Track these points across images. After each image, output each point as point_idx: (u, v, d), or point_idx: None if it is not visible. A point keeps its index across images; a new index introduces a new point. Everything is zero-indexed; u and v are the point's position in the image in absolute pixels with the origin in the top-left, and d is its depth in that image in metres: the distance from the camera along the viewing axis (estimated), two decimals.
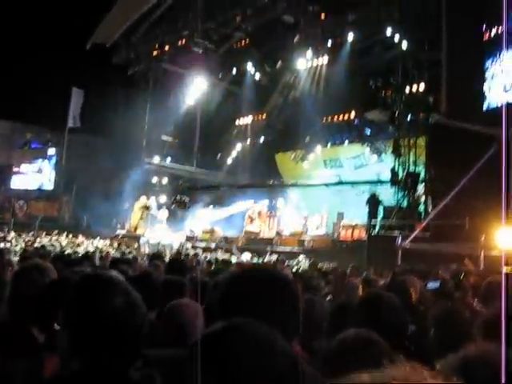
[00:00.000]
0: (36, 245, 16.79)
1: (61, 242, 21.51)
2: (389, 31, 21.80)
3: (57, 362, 2.30)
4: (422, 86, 21.48)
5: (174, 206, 28.08)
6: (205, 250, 22.59)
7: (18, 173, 33.50)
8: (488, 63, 17.39)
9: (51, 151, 33.15)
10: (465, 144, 15.91)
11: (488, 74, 17.31)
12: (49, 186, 33.40)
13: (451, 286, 4.62)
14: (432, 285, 4.50)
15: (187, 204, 27.70)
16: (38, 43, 26.04)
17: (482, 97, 16.33)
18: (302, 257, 19.05)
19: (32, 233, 24.47)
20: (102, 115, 27.87)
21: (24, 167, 33.47)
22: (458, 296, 4.50)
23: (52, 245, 17.87)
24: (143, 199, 27.46)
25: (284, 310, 1.88)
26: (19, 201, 32.63)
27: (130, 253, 16.35)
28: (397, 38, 21.59)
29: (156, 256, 9.78)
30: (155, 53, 28.65)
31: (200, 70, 28.06)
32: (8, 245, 16.70)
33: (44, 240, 21.06)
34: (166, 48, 28.05)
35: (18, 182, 33.46)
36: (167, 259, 9.80)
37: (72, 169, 30.57)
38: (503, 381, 1.38)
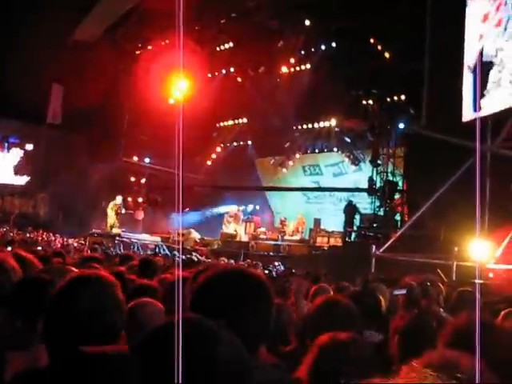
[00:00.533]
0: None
1: (35, 237, 21.33)
2: (372, 41, 21.95)
3: (26, 358, 2.27)
4: (403, 97, 21.66)
5: (145, 204, 27.96)
6: (180, 251, 22.49)
7: None
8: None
9: (29, 147, 32.80)
10: (443, 156, 16.02)
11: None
12: (25, 181, 33.06)
13: (418, 293, 4.62)
14: (398, 291, 4.50)
15: (159, 203, 27.60)
16: (19, 37, 25.74)
17: (462, 109, 16.43)
18: (277, 262, 19.01)
19: (5, 228, 24.17)
20: (81, 112, 27.64)
21: (0, 162, 33.06)
22: (424, 304, 4.50)
23: (25, 241, 17.68)
24: (119, 199, 27.29)
25: (257, 313, 1.86)
26: None
27: (104, 251, 16.20)
28: (380, 47, 21.75)
29: (126, 256, 9.64)
30: (138, 51, 28.54)
31: (183, 71, 27.98)
32: None
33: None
34: (150, 47, 27.95)
35: None
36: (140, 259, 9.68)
37: (49, 165, 30.28)
38: None
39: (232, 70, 28.12)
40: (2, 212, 31.11)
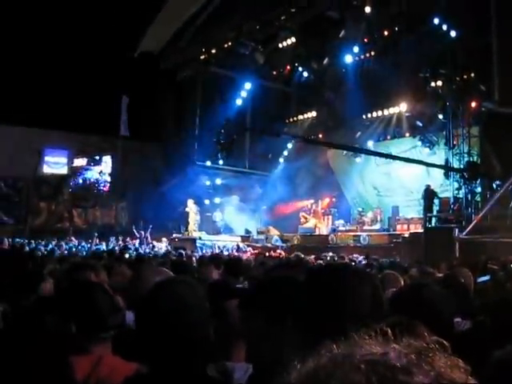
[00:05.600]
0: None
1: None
2: (436, 21, 21.49)
3: (90, 362, 2.36)
4: (473, 75, 21.10)
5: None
6: (261, 250, 22.66)
7: (75, 182, 34.16)
8: None
9: (106, 159, 33.77)
10: None
11: None
12: (105, 193, 34.03)
13: (502, 276, 4.52)
14: (482, 279, 4.42)
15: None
16: (86, 53, 26.55)
17: None
18: (356, 255, 18.62)
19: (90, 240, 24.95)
20: (152, 121, 28.23)
21: (81, 176, 34.12)
22: (510, 286, 4.41)
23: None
24: (190, 203, 27.68)
25: (367, 305, 1.81)
26: (77, 209, 33.31)
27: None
28: (444, 26, 21.26)
29: (214, 257, 9.79)
30: (202, 56, 28.87)
31: (247, 71, 28.18)
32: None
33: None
34: (213, 51, 28.22)
35: (76, 191, 34.14)
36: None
37: (126, 176, 31.07)
38: None
39: (296, 64, 28.05)
40: (87, 224, 32.13)
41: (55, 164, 33.89)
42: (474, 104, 20.79)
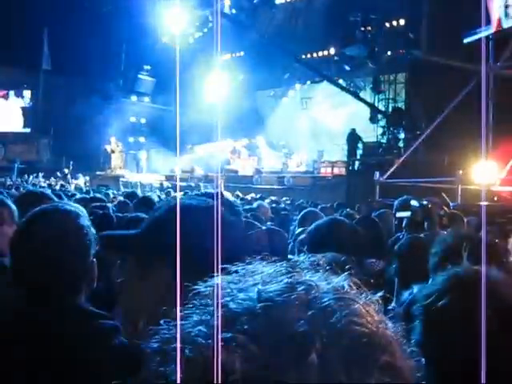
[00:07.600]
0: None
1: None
2: None
3: None
4: (403, 22, 21.24)
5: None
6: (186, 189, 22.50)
7: None
8: None
9: (27, 93, 32.56)
10: (445, 80, 15.82)
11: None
12: (26, 128, 32.93)
13: (420, 216, 4.60)
14: (402, 214, 4.47)
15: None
16: None
17: (464, 31, 16.08)
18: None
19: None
20: (77, 56, 27.26)
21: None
22: (427, 226, 4.49)
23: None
24: (113, 140, 27.17)
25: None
26: None
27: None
28: None
29: (130, 194, 9.72)
30: None
31: (175, 5, 27.42)
32: None
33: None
34: None
35: None
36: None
37: (48, 111, 30.11)
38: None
39: (226, 1, 27.47)
40: (6, 160, 31.10)
41: None
42: (401, 51, 20.97)
